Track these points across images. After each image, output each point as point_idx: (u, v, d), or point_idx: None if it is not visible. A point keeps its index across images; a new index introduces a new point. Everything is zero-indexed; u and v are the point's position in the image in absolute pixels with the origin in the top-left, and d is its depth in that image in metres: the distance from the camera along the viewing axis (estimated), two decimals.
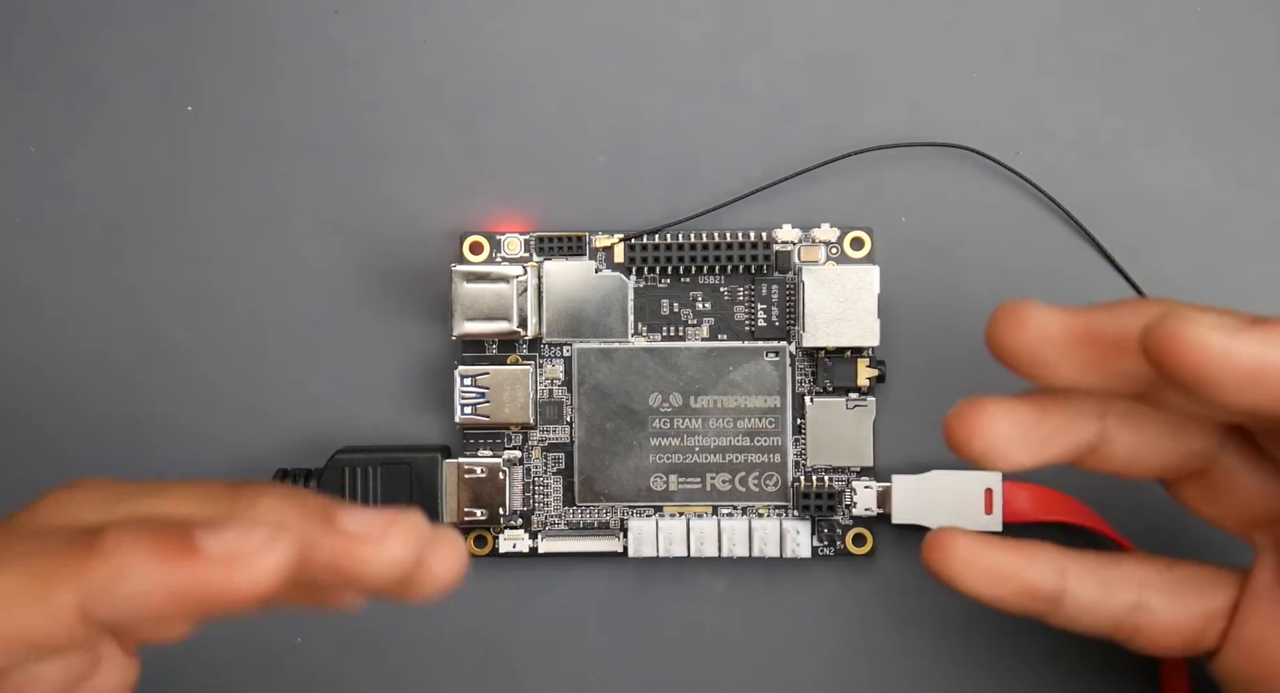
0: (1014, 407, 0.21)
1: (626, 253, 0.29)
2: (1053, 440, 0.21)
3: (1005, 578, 0.23)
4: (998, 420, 0.21)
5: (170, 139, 0.30)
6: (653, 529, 0.28)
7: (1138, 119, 0.29)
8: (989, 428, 0.21)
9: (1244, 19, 0.29)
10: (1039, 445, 0.21)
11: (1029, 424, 0.21)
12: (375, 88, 0.30)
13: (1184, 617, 0.23)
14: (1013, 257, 0.29)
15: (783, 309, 0.29)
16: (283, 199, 0.30)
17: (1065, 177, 0.29)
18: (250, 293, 0.30)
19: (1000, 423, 0.21)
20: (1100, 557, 0.24)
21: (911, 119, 0.29)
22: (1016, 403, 0.21)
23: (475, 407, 0.28)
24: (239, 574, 0.17)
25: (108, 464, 0.30)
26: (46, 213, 0.30)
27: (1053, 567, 0.23)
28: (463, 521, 0.28)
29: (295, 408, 0.30)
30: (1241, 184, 0.29)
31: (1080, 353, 0.20)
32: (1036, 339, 0.20)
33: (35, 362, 0.30)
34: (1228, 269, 0.29)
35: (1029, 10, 0.29)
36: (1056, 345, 0.20)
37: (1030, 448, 0.21)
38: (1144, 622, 0.23)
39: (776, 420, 0.29)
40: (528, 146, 0.30)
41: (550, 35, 0.30)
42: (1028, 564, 0.23)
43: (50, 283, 0.30)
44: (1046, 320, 0.20)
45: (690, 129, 0.29)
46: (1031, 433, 0.21)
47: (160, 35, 0.30)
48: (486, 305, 0.28)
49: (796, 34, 0.29)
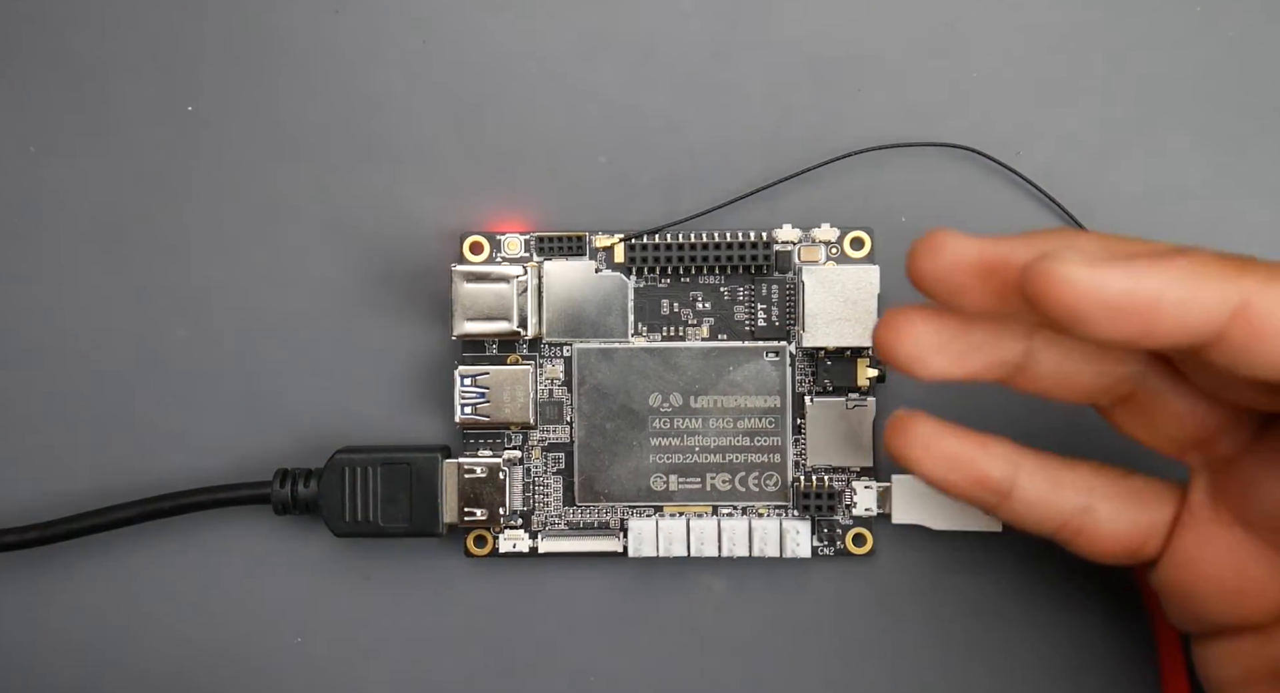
0: (938, 315, 0.22)
1: (626, 253, 0.29)
2: (975, 353, 0.22)
3: (960, 465, 0.23)
4: (920, 326, 0.22)
5: (170, 139, 0.30)
6: (653, 529, 0.28)
7: (1138, 119, 0.29)
8: (911, 333, 0.22)
9: (1244, 19, 0.29)
10: (959, 355, 0.22)
11: (951, 333, 0.22)
12: (375, 88, 0.30)
13: (1126, 526, 0.23)
14: None
15: (783, 309, 0.29)
16: (283, 199, 0.30)
17: (1065, 177, 0.29)
18: (250, 293, 0.30)
19: (922, 328, 0.22)
20: (1055, 458, 0.24)
21: (911, 119, 0.29)
22: (941, 313, 0.22)
23: (475, 407, 0.28)
24: None
25: (108, 464, 0.30)
26: (46, 213, 0.30)
27: (1007, 459, 0.23)
28: (463, 521, 0.28)
29: (295, 408, 0.30)
30: (1241, 184, 0.29)
31: (992, 281, 0.21)
32: (949, 266, 0.21)
33: (35, 362, 0.30)
34: None
35: (1029, 10, 0.29)
36: (969, 272, 0.21)
37: (950, 356, 0.22)
38: (1087, 525, 0.23)
39: (776, 420, 0.29)
40: (528, 146, 0.30)
41: (550, 35, 0.30)
42: (983, 454, 0.23)
43: (50, 283, 0.30)
44: (961, 248, 0.21)
45: (690, 129, 0.29)
46: (952, 342, 0.22)
47: (160, 35, 0.30)
48: (486, 305, 0.28)
49: (796, 34, 0.29)
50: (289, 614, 0.30)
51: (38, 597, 0.30)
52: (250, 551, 0.30)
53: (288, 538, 0.30)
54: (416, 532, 0.28)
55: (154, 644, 0.30)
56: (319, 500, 0.28)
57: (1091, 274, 0.18)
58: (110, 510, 0.29)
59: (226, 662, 0.30)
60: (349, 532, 0.28)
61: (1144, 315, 0.18)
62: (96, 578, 0.30)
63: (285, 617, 0.30)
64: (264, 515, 0.29)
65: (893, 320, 0.22)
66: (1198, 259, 0.19)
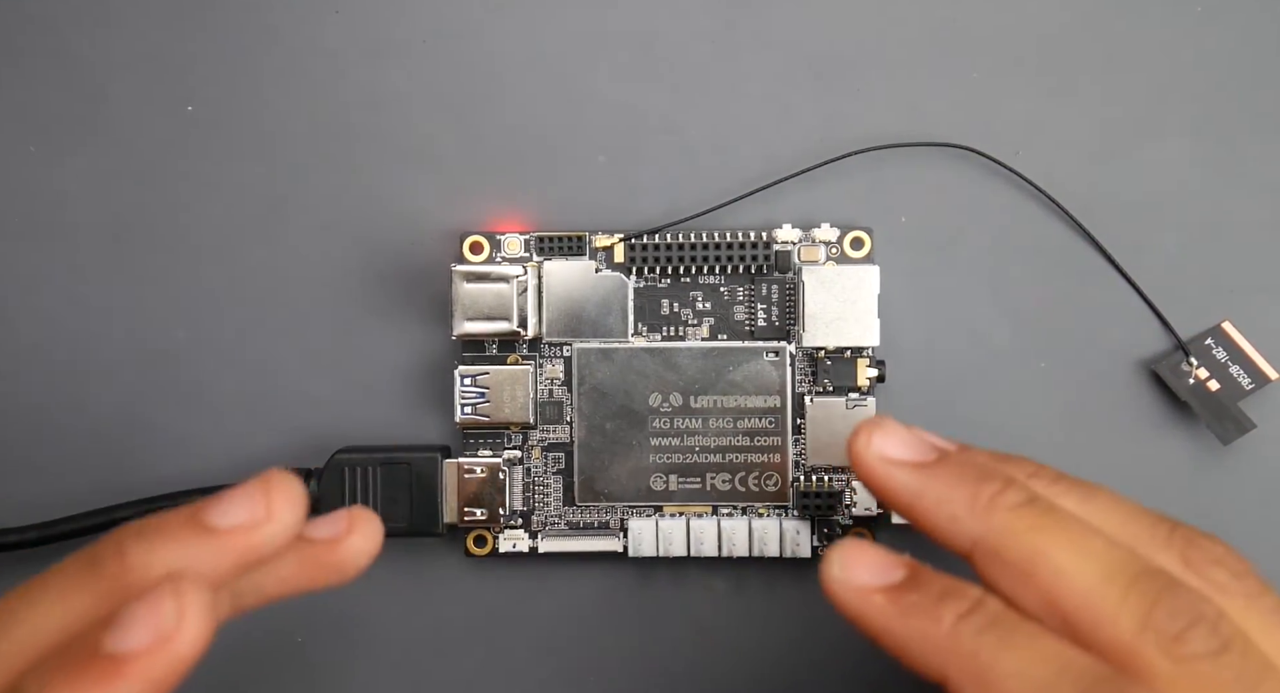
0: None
1: (626, 253, 0.29)
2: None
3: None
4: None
5: (170, 139, 0.30)
6: (653, 529, 0.28)
7: (1138, 119, 0.29)
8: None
9: (1243, 19, 0.29)
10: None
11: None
12: (375, 88, 0.30)
13: None
14: (1013, 257, 0.29)
15: (783, 309, 0.29)
16: (283, 199, 0.30)
17: (1065, 177, 0.29)
18: (250, 293, 0.30)
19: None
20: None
21: (911, 119, 0.29)
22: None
23: (475, 407, 0.28)
24: (172, 653, 0.17)
25: (108, 464, 0.30)
26: (46, 213, 0.30)
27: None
28: (463, 520, 0.28)
29: (295, 408, 0.30)
30: (1241, 184, 0.29)
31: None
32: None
33: (35, 362, 0.30)
34: (1228, 269, 0.29)
35: (1029, 10, 0.29)
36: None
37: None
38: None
39: (776, 420, 0.29)
40: (528, 146, 0.30)
41: (550, 35, 0.30)
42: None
43: (50, 283, 0.30)
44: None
45: (690, 129, 0.29)
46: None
47: (160, 35, 0.30)
48: (486, 305, 0.28)
49: (796, 34, 0.29)
50: (289, 614, 0.30)
51: None
52: None
53: None
54: (416, 532, 0.28)
55: None
56: (318, 500, 0.28)
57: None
58: (110, 510, 0.29)
59: (226, 662, 0.30)
60: None
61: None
62: None
63: (285, 617, 0.30)
64: None
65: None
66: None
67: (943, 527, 0.20)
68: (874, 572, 0.20)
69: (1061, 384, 0.29)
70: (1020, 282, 0.29)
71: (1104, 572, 0.19)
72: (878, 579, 0.20)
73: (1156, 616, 0.18)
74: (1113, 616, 0.19)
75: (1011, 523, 0.20)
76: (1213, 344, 0.29)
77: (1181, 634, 0.18)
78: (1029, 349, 0.29)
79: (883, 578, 0.20)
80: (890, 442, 0.21)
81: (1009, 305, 0.29)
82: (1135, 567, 0.19)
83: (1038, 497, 0.20)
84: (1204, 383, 0.29)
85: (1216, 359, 0.29)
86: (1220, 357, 0.29)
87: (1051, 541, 0.19)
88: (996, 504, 0.20)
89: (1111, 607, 0.19)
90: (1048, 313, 0.29)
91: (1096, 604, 0.19)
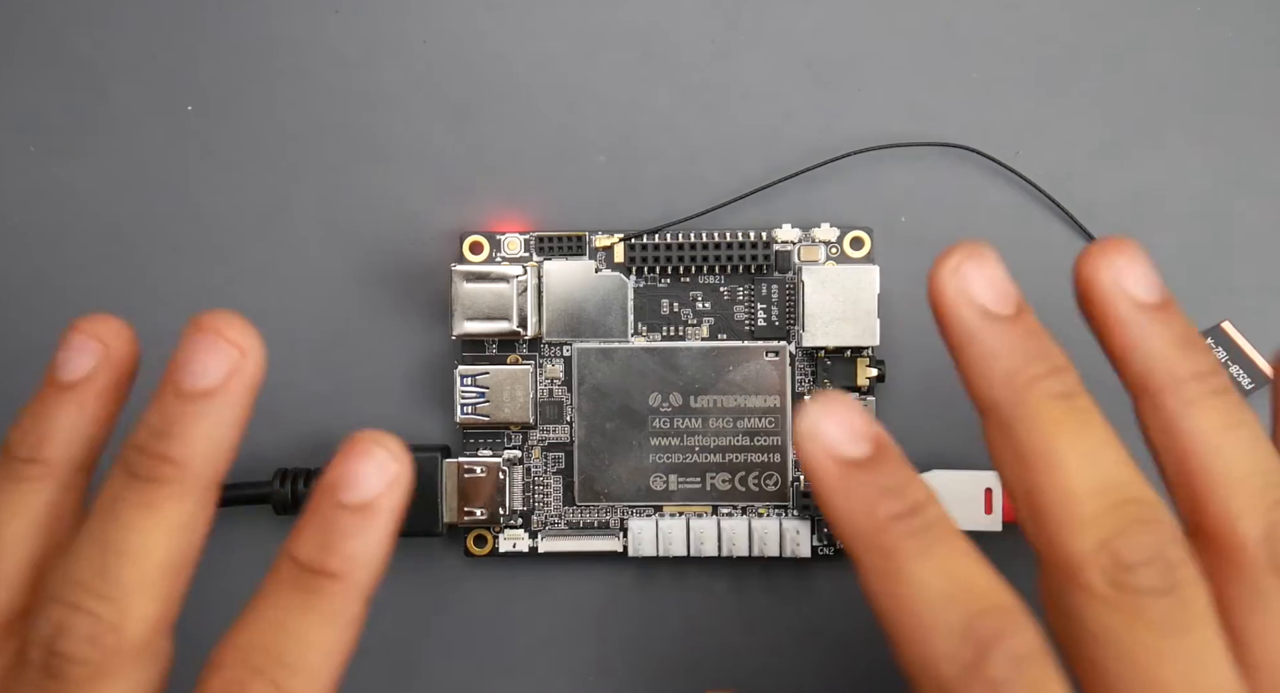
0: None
1: (626, 253, 0.29)
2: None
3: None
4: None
5: (171, 139, 0.30)
6: (653, 529, 0.28)
7: (1138, 119, 0.29)
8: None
9: (1243, 19, 0.29)
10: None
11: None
12: (375, 88, 0.30)
13: None
14: (1013, 256, 0.29)
15: (782, 309, 0.29)
16: (283, 199, 0.30)
17: (1065, 177, 0.29)
18: (250, 293, 0.30)
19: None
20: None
21: (911, 119, 0.29)
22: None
23: (475, 406, 0.28)
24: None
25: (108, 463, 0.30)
26: (46, 213, 0.30)
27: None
28: (463, 520, 0.28)
29: (295, 408, 0.30)
30: (1241, 184, 0.29)
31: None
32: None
33: (36, 362, 0.30)
34: (1228, 269, 0.29)
35: (1028, 10, 0.29)
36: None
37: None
38: None
39: (776, 420, 0.29)
40: (528, 146, 0.30)
41: (550, 35, 0.30)
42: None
43: (50, 283, 0.30)
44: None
45: (690, 129, 0.29)
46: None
47: (160, 35, 0.30)
48: (486, 305, 0.28)
49: (796, 34, 0.29)
50: None
51: None
52: (250, 551, 0.30)
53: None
54: (416, 532, 0.28)
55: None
56: None
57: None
58: None
59: None
60: None
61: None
62: None
63: None
64: (264, 515, 0.29)
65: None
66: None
67: (974, 378, 0.20)
68: (840, 436, 0.19)
69: None
70: (1020, 282, 0.29)
71: (1095, 485, 0.19)
72: (839, 446, 0.19)
73: (1119, 542, 0.18)
74: (1079, 527, 0.18)
75: (1036, 408, 0.19)
76: (1213, 344, 0.29)
77: (1133, 566, 0.18)
78: None
79: (845, 447, 0.19)
80: (978, 278, 0.20)
81: None
82: (1129, 492, 0.19)
83: (1077, 394, 0.20)
84: None
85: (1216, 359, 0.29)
86: (1220, 357, 0.29)
87: (1063, 437, 0.19)
88: (1033, 387, 0.19)
89: (1082, 519, 0.19)
90: (1048, 313, 0.29)
91: (1070, 511, 0.19)
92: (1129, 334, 0.20)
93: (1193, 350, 0.20)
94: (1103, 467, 0.19)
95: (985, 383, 0.20)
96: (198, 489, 0.19)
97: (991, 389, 0.20)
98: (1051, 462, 0.19)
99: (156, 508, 0.19)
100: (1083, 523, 0.18)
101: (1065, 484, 0.19)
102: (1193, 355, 0.20)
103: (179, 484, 0.19)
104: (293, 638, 0.19)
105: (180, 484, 0.19)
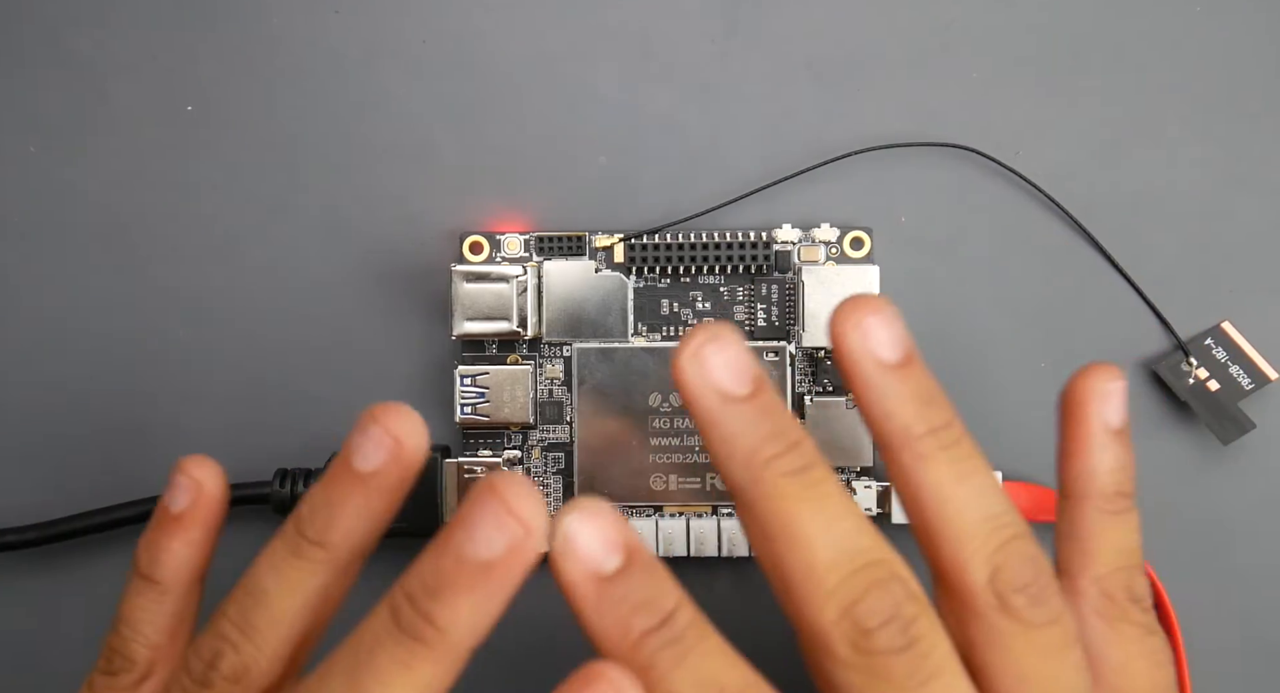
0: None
1: (626, 253, 0.29)
2: None
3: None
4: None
5: (170, 139, 0.30)
6: (653, 529, 0.28)
7: (1138, 119, 0.29)
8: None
9: (1243, 18, 0.29)
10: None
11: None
12: (375, 88, 0.30)
13: None
14: (1013, 257, 0.29)
15: (782, 309, 0.29)
16: (283, 199, 0.30)
17: (1065, 177, 0.29)
18: (250, 293, 0.30)
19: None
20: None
21: (911, 119, 0.29)
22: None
23: (475, 407, 0.28)
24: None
25: (108, 464, 0.30)
26: (46, 213, 0.30)
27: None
28: None
29: (295, 408, 0.30)
30: (1241, 184, 0.29)
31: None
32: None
33: (36, 362, 0.30)
34: (1228, 269, 0.29)
35: (1029, 10, 0.29)
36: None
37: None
38: None
39: None
40: (528, 146, 0.30)
41: (550, 35, 0.30)
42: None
43: (50, 283, 0.30)
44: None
45: (690, 129, 0.29)
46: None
47: (160, 35, 0.30)
48: (486, 305, 0.28)
49: (796, 34, 0.29)
50: None
51: (38, 597, 0.30)
52: (250, 551, 0.30)
53: None
54: (416, 532, 0.28)
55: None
56: None
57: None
58: (110, 510, 0.29)
59: None
60: None
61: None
62: (96, 578, 0.30)
63: None
64: (264, 515, 0.29)
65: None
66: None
67: (719, 462, 0.21)
68: (596, 548, 0.20)
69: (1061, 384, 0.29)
70: (1020, 282, 0.29)
71: (834, 557, 0.20)
72: (595, 561, 0.20)
73: (858, 609, 0.19)
74: (823, 600, 0.19)
75: (773, 487, 0.20)
76: (1213, 344, 0.29)
77: (873, 630, 0.19)
78: (1029, 349, 0.29)
79: (600, 561, 0.20)
80: (717, 361, 0.20)
81: (1009, 305, 0.29)
82: (868, 557, 0.20)
83: (812, 466, 0.20)
84: (1204, 383, 0.29)
85: (1216, 359, 0.29)
86: (1220, 357, 0.29)
87: (801, 514, 0.20)
88: (770, 466, 0.20)
89: (825, 591, 0.19)
90: (1048, 313, 0.29)
91: (813, 586, 0.20)
92: (871, 394, 0.21)
93: (929, 406, 0.21)
94: (840, 537, 0.20)
95: (728, 466, 0.20)
96: (453, 657, 0.20)
97: (734, 472, 0.20)
98: (792, 539, 0.20)
99: (411, 668, 0.19)
100: (826, 595, 0.19)
101: (807, 560, 0.20)
102: (929, 411, 0.21)
103: (437, 649, 0.19)
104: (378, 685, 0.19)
105: (438, 649, 0.19)
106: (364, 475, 0.21)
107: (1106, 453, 0.22)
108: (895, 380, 0.21)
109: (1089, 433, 0.22)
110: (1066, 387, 0.23)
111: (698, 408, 0.21)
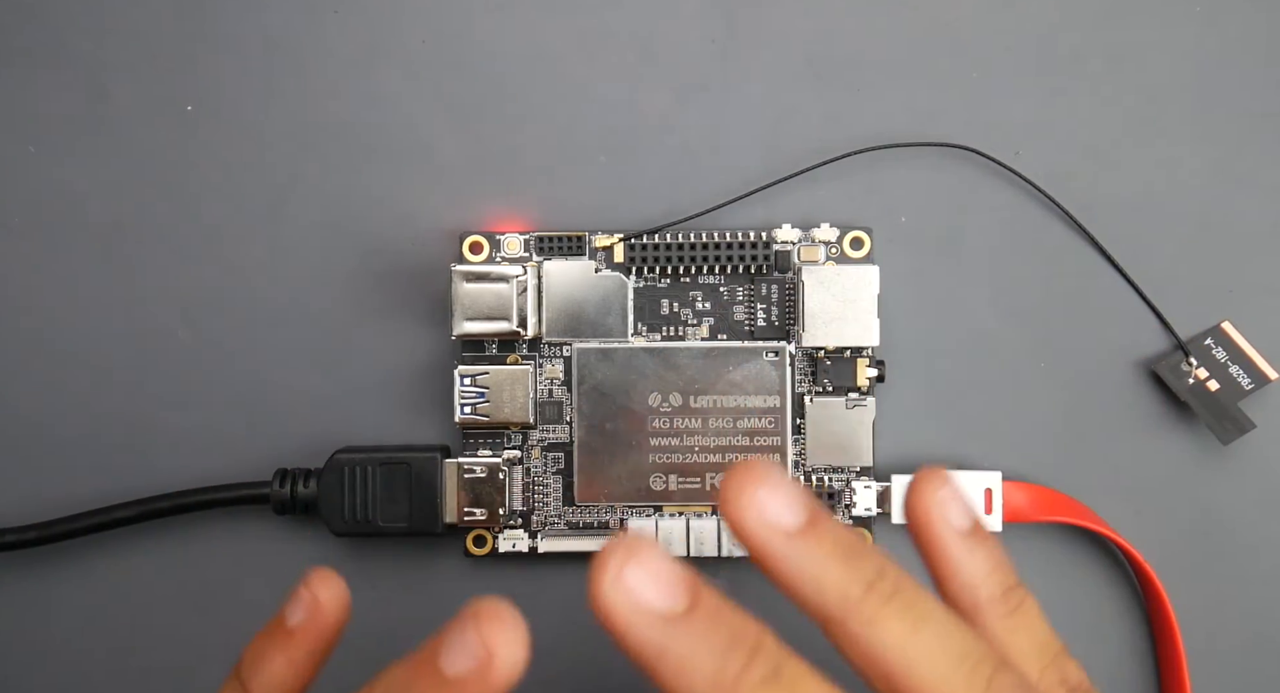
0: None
1: (626, 253, 0.29)
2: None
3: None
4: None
5: (170, 139, 0.30)
6: (652, 529, 0.28)
7: (1138, 119, 0.29)
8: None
9: (1243, 18, 0.29)
10: None
11: None
12: (375, 88, 0.30)
13: None
14: (1013, 257, 0.29)
15: (782, 309, 0.29)
16: (283, 199, 0.30)
17: (1065, 177, 0.29)
18: (250, 293, 0.30)
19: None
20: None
21: (911, 119, 0.29)
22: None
23: (475, 406, 0.28)
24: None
25: (108, 464, 0.30)
26: (46, 213, 0.30)
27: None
28: (462, 520, 0.28)
29: (295, 408, 0.30)
30: (1241, 184, 0.29)
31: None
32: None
33: (36, 362, 0.30)
34: (1227, 269, 0.29)
35: (1028, 10, 0.29)
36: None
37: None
38: None
39: (776, 420, 0.29)
40: (528, 146, 0.30)
41: (550, 35, 0.30)
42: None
43: (50, 283, 0.30)
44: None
45: (690, 129, 0.29)
46: None
47: (160, 35, 0.30)
48: (486, 305, 0.28)
49: (796, 34, 0.29)
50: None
51: (38, 597, 0.30)
52: (250, 550, 0.30)
53: (287, 538, 0.30)
54: (416, 531, 0.28)
55: (154, 644, 0.30)
56: (318, 500, 0.28)
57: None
58: (110, 510, 0.29)
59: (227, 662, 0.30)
60: (348, 531, 0.28)
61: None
62: (96, 578, 0.30)
63: None
64: (264, 515, 0.29)
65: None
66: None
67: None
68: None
69: (1061, 384, 0.29)
70: (1020, 282, 0.29)
71: None
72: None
73: None
74: None
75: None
76: (1212, 344, 0.29)
77: None
78: (1029, 349, 0.29)
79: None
80: (641, 580, 0.18)
81: (1009, 305, 0.29)
82: None
83: (782, 665, 0.19)
84: (1204, 383, 0.29)
85: (1216, 359, 0.29)
86: (1220, 357, 0.29)
87: None
88: (741, 681, 0.18)
89: None
90: (1048, 313, 0.29)
91: None
92: (789, 566, 0.19)
93: (856, 559, 0.19)
94: None
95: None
96: None
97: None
98: None
99: None
100: None
101: None
102: (858, 565, 0.19)
103: None
104: None
105: None
106: (290, 630, 0.22)
107: (975, 558, 0.21)
108: (811, 544, 0.19)
109: (946, 547, 0.21)
110: (905, 509, 0.21)
111: (635, 642, 0.18)
